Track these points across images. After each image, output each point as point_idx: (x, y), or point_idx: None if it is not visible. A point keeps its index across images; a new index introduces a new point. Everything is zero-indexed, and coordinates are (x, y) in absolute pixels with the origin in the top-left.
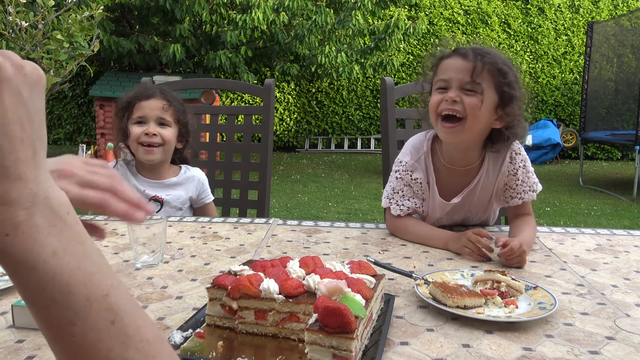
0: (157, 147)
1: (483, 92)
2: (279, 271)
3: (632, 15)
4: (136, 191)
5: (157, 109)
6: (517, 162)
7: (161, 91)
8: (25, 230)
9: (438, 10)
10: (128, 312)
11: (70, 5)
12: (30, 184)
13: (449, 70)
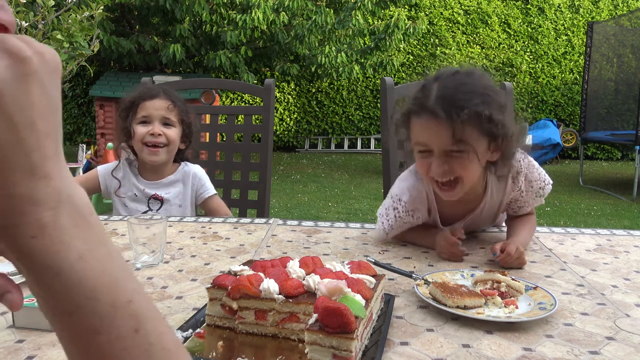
0: (162, 148)
1: (472, 147)
2: (279, 271)
3: (632, 15)
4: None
5: (161, 109)
6: (520, 181)
7: (165, 91)
8: (52, 232)
9: (438, 10)
10: (150, 318)
11: (70, 5)
12: (56, 181)
13: (423, 133)
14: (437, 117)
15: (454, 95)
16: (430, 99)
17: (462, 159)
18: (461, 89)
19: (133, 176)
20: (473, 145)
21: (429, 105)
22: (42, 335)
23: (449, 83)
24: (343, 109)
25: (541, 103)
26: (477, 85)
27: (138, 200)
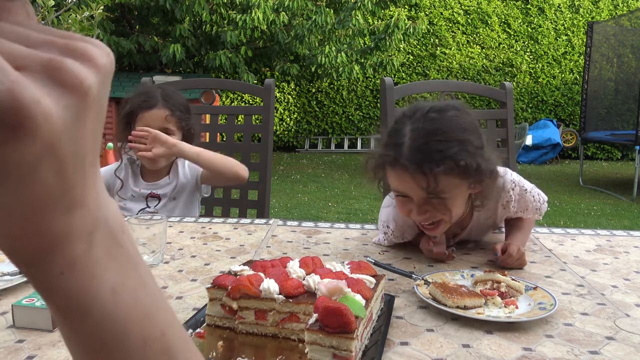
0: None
1: (451, 193)
2: (279, 271)
3: (632, 15)
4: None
5: (159, 120)
6: (511, 207)
7: (163, 98)
8: (83, 267)
9: (438, 10)
10: (183, 350)
11: (70, 5)
12: (92, 208)
13: (398, 185)
14: (410, 173)
15: (427, 147)
16: (403, 150)
17: (442, 202)
18: (434, 138)
19: (132, 178)
20: (452, 191)
21: (401, 159)
22: (42, 335)
23: (420, 130)
24: (343, 109)
25: (541, 103)
26: (452, 129)
27: (136, 200)
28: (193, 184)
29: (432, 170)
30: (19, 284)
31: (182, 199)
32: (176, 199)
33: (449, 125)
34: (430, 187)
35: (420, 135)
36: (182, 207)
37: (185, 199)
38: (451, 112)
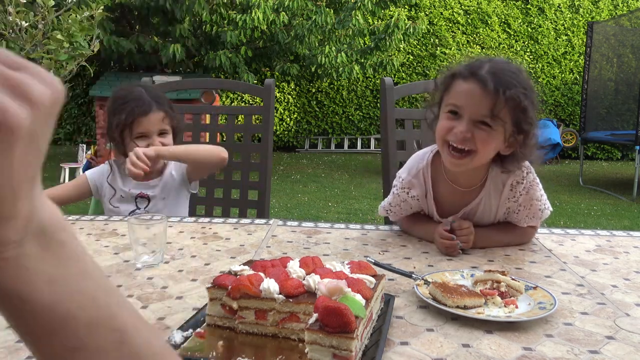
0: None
1: (501, 127)
2: (279, 271)
3: (632, 15)
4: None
5: (157, 123)
6: (518, 190)
7: (156, 101)
8: (15, 263)
9: (438, 10)
10: (135, 328)
11: (70, 5)
12: (22, 217)
13: (463, 96)
14: (484, 86)
15: (505, 76)
16: (483, 69)
17: (487, 133)
18: (511, 74)
19: (120, 178)
20: (503, 125)
21: (480, 74)
22: None
23: (501, 65)
24: (343, 109)
25: (541, 103)
26: (523, 80)
27: (125, 201)
28: (180, 182)
29: (504, 92)
30: None
31: (170, 198)
32: (165, 199)
33: (522, 77)
34: (494, 107)
35: (500, 68)
36: (170, 206)
37: (174, 198)
38: (525, 73)
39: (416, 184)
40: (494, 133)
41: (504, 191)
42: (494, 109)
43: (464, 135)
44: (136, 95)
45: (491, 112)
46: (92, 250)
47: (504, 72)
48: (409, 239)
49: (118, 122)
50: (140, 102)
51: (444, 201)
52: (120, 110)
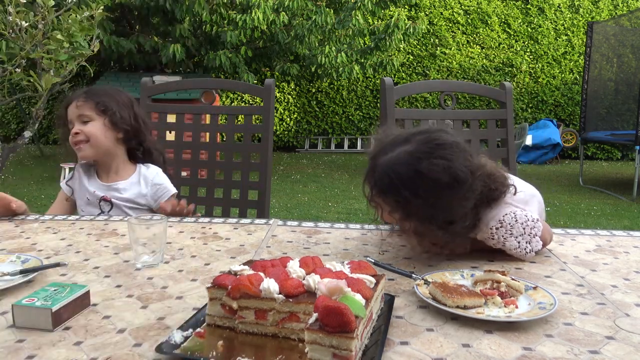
0: (84, 144)
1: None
2: (279, 271)
3: (632, 15)
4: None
5: (75, 110)
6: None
7: (85, 92)
8: None
9: (438, 10)
10: None
11: (70, 5)
12: None
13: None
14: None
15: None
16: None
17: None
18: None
19: (86, 179)
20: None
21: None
22: (42, 335)
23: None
24: (343, 109)
25: (541, 103)
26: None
27: (91, 204)
28: (151, 203)
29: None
30: (19, 284)
31: (136, 210)
32: (133, 212)
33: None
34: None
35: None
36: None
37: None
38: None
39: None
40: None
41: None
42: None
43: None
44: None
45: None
46: (92, 250)
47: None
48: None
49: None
50: (70, 96)
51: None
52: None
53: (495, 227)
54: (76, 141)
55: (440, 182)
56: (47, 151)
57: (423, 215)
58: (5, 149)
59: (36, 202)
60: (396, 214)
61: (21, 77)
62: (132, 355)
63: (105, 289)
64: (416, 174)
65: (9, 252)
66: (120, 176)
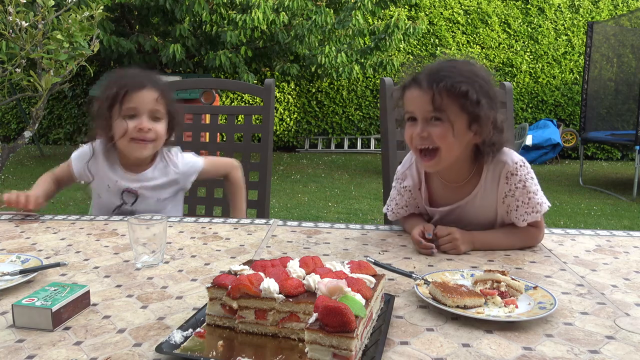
0: (150, 143)
1: (448, 118)
2: (279, 271)
3: (632, 15)
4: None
5: (150, 102)
6: (513, 182)
7: (153, 80)
8: None
9: (438, 10)
10: None
11: (70, 5)
12: None
13: (411, 102)
14: (420, 87)
15: (438, 70)
16: (421, 74)
17: (440, 127)
18: (446, 67)
19: (108, 166)
20: (450, 115)
21: (417, 78)
22: (42, 335)
23: (439, 65)
24: (343, 109)
25: (541, 103)
26: (465, 69)
27: (111, 192)
28: (184, 183)
29: (439, 85)
30: (19, 284)
31: (164, 197)
32: (159, 199)
33: (463, 66)
34: (433, 101)
35: (434, 68)
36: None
37: (170, 198)
38: (472, 62)
39: (409, 175)
40: (446, 125)
41: (500, 184)
42: (434, 102)
43: (421, 137)
44: (132, 72)
45: (433, 106)
46: (92, 250)
47: (439, 69)
48: (409, 239)
49: (108, 95)
50: (135, 77)
51: (436, 194)
52: (113, 84)
53: (519, 164)
54: (143, 138)
55: (491, 87)
56: (47, 151)
57: (484, 115)
58: (5, 149)
59: None
60: (460, 116)
61: (21, 77)
62: (132, 355)
63: (105, 288)
64: (477, 77)
65: (9, 252)
66: (143, 167)
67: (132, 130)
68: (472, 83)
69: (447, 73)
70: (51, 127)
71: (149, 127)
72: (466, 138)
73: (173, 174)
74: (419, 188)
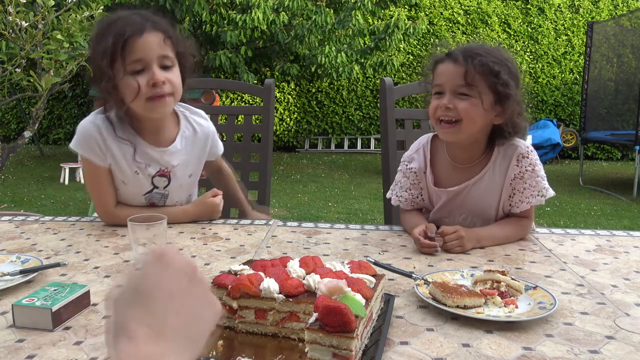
0: (169, 96)
1: (477, 94)
2: (279, 271)
3: (632, 15)
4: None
5: (156, 47)
6: (524, 165)
7: (150, 20)
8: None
9: (438, 10)
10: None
11: (70, 5)
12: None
13: (442, 75)
14: (455, 62)
15: (473, 49)
16: (453, 51)
17: (467, 101)
18: (480, 48)
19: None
20: (479, 91)
21: (453, 53)
22: (42, 335)
23: (474, 45)
24: (343, 109)
25: (541, 103)
26: (496, 52)
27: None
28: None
29: (473, 61)
30: (19, 284)
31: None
32: (191, 177)
33: (495, 51)
34: (465, 75)
35: (469, 46)
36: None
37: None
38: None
39: (416, 158)
40: (473, 100)
41: (510, 166)
42: (467, 77)
43: (447, 105)
44: (126, 15)
45: (465, 81)
46: (92, 250)
47: (473, 48)
48: (409, 239)
49: (105, 49)
50: (131, 21)
51: (443, 176)
52: (107, 34)
53: (530, 148)
54: (161, 93)
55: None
56: (47, 151)
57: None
58: (5, 149)
59: (36, 202)
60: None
61: (21, 77)
62: None
63: (105, 288)
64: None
65: (9, 253)
66: (169, 133)
67: (145, 87)
68: (502, 65)
69: (482, 52)
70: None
71: (163, 78)
72: (489, 117)
73: (202, 145)
74: (424, 171)
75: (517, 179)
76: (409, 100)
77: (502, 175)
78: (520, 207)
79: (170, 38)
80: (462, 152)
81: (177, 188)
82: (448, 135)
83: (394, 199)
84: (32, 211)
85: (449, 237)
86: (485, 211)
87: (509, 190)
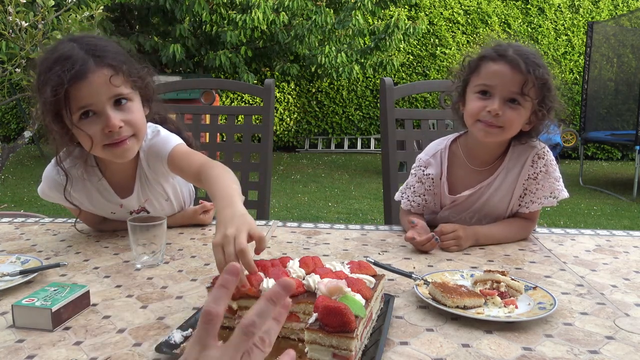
0: (131, 140)
1: (527, 105)
2: (279, 271)
3: (632, 15)
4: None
5: (105, 87)
6: (539, 165)
7: (94, 53)
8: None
9: (438, 10)
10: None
11: (70, 5)
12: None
13: (494, 76)
14: (514, 67)
15: (531, 58)
16: (509, 52)
17: (515, 112)
18: (535, 57)
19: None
20: (528, 103)
21: (509, 55)
22: (42, 335)
23: (525, 49)
24: (343, 109)
25: None
26: (543, 62)
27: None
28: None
29: (534, 71)
30: (19, 285)
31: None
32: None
33: (542, 59)
34: (525, 85)
35: (523, 51)
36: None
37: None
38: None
39: (433, 164)
40: (521, 111)
41: (525, 166)
42: (524, 87)
43: (496, 112)
44: (65, 51)
45: (521, 90)
46: (92, 251)
47: (528, 54)
48: None
49: (45, 102)
50: (71, 60)
51: (457, 181)
52: (46, 79)
53: (546, 148)
54: (119, 139)
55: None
56: (47, 151)
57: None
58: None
59: (36, 203)
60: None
61: (21, 77)
62: (132, 355)
63: (105, 289)
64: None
65: (9, 253)
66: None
67: (100, 136)
68: (549, 75)
69: (539, 62)
70: None
71: (119, 123)
72: (523, 124)
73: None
74: (440, 178)
75: (530, 179)
76: (409, 100)
77: (516, 175)
78: (530, 208)
79: (120, 72)
80: (486, 153)
81: (160, 210)
82: (490, 136)
83: (404, 202)
84: (32, 211)
85: (446, 237)
86: (495, 210)
87: (521, 190)
